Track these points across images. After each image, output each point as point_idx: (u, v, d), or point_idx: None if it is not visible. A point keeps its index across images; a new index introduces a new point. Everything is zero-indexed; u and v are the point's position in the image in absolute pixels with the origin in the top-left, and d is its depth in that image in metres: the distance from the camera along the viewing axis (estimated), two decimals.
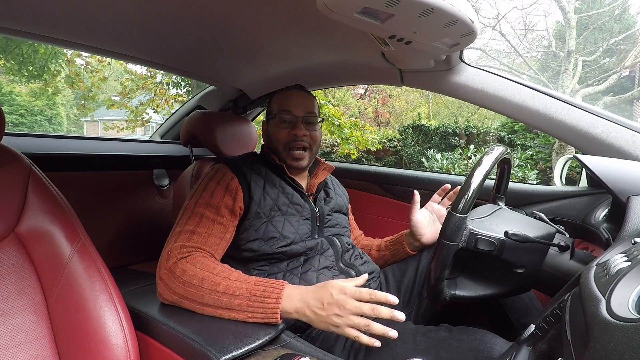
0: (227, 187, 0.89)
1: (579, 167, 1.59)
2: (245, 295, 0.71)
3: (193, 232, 0.82)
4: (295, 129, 0.97)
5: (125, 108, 7.40)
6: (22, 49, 6.77)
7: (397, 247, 1.10)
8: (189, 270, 0.74)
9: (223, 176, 0.91)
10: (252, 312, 0.70)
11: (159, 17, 0.96)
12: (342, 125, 5.33)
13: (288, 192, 0.96)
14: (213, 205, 0.87)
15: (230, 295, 0.71)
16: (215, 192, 0.88)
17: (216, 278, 0.73)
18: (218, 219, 0.86)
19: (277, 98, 1.02)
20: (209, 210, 0.86)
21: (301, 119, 0.98)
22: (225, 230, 0.86)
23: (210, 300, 0.72)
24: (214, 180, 0.91)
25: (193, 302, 0.73)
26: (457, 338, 0.74)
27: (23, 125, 16.40)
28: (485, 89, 1.02)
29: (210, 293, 0.72)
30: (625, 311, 0.34)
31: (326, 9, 0.63)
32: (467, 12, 0.67)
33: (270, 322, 0.71)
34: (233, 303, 0.71)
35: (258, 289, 0.72)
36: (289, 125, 0.98)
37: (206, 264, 0.76)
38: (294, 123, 0.97)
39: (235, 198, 0.89)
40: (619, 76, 8.20)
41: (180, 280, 0.74)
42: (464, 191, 0.68)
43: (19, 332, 0.66)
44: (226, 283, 0.73)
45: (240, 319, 0.71)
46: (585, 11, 10.80)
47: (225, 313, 0.71)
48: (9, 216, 0.70)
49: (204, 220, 0.85)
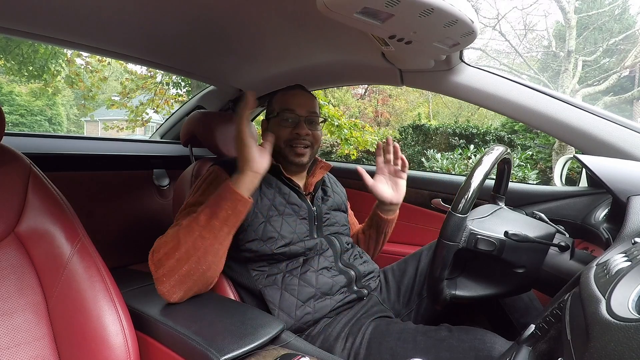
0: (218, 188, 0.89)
1: (579, 167, 1.59)
2: (204, 208, 0.77)
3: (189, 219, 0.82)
4: (297, 128, 0.96)
5: (125, 108, 7.41)
6: (22, 49, 6.77)
7: (376, 219, 1.11)
8: (162, 241, 0.77)
9: (216, 178, 0.91)
10: (216, 206, 0.76)
11: (159, 17, 0.96)
12: (341, 126, 5.33)
13: (285, 192, 0.96)
14: (202, 204, 0.86)
15: (195, 219, 0.76)
16: (206, 192, 0.88)
17: (178, 225, 0.78)
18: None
19: (279, 97, 1.02)
20: (197, 208, 0.85)
21: (304, 118, 0.98)
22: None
23: (186, 237, 0.75)
24: (207, 182, 0.91)
25: (182, 259, 0.74)
26: (457, 338, 0.74)
27: (23, 125, 16.40)
28: (485, 89, 1.02)
29: (181, 233, 0.75)
30: (625, 311, 0.34)
31: (326, 9, 0.63)
32: (467, 12, 0.67)
33: (235, 199, 0.76)
34: (200, 219, 0.76)
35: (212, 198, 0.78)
36: (291, 124, 0.97)
37: (169, 231, 0.79)
38: (296, 122, 0.97)
39: None
40: (619, 76, 8.20)
41: (161, 254, 0.75)
42: (464, 191, 0.68)
43: (19, 332, 0.66)
44: (187, 219, 0.77)
45: (217, 225, 0.75)
46: (585, 11, 10.80)
47: (204, 232, 0.75)
48: (9, 216, 0.70)
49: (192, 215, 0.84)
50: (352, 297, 0.92)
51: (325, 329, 0.85)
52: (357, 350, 0.79)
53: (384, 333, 0.80)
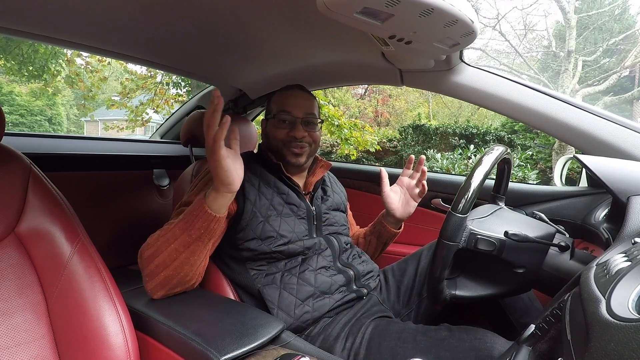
0: None
1: (579, 167, 1.59)
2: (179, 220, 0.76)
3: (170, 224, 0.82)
4: (294, 131, 0.96)
5: (125, 108, 7.41)
6: (22, 49, 6.77)
7: (379, 228, 1.11)
8: (147, 243, 0.78)
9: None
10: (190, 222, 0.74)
11: (159, 17, 0.96)
12: (341, 126, 5.34)
13: (283, 191, 0.96)
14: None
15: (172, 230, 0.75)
16: (201, 191, 0.87)
17: (160, 231, 0.78)
18: None
19: (276, 97, 1.02)
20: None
21: (300, 120, 0.97)
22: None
23: (164, 246, 0.75)
24: (203, 181, 0.90)
25: (160, 264, 0.75)
26: (458, 337, 0.74)
27: (23, 125, 16.39)
28: (485, 89, 1.02)
29: (159, 241, 0.76)
30: (625, 311, 0.34)
31: (326, 9, 0.63)
32: (467, 12, 0.67)
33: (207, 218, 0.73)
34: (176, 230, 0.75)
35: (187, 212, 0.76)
36: (288, 125, 0.97)
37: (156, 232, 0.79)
38: (293, 124, 0.97)
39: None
40: (619, 76, 8.20)
41: (144, 257, 0.77)
42: (464, 191, 0.68)
43: (19, 332, 0.66)
44: (167, 226, 0.78)
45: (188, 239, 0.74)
46: (585, 11, 10.80)
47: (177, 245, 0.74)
48: (9, 216, 0.70)
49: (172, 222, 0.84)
50: (351, 296, 0.92)
51: (325, 328, 0.85)
52: (357, 350, 0.79)
53: (384, 333, 0.80)
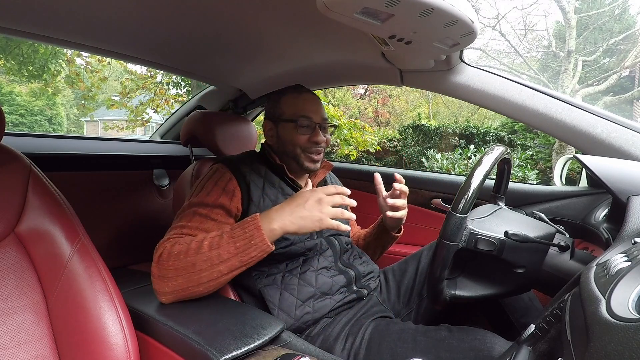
0: (225, 188, 0.89)
1: (579, 167, 1.59)
2: (229, 241, 0.74)
3: (183, 227, 0.82)
4: (314, 136, 0.96)
5: (125, 108, 7.41)
6: (22, 49, 6.77)
7: (379, 230, 1.11)
8: (173, 250, 0.75)
9: (221, 177, 0.91)
10: (243, 251, 0.73)
11: (159, 17, 0.96)
12: (341, 126, 5.34)
13: (287, 192, 0.96)
14: (207, 204, 0.86)
15: (216, 249, 0.73)
16: (211, 192, 0.88)
17: (197, 243, 0.75)
18: (211, 215, 0.85)
19: (290, 101, 0.99)
20: (203, 208, 0.85)
21: (319, 125, 0.97)
22: (218, 227, 0.84)
23: (203, 264, 0.73)
24: (212, 180, 0.90)
25: (188, 276, 0.74)
26: (457, 338, 0.74)
27: (23, 125, 16.39)
28: (485, 89, 1.02)
29: (199, 257, 0.73)
30: (625, 311, 0.34)
31: (326, 8, 0.63)
32: (467, 12, 0.67)
33: (265, 251, 0.74)
34: (222, 253, 0.73)
35: (236, 230, 0.75)
36: (308, 131, 0.96)
37: (185, 240, 0.78)
38: (312, 129, 0.96)
39: (232, 199, 0.88)
40: (619, 76, 8.20)
41: (169, 263, 0.74)
42: (464, 191, 0.68)
43: (19, 332, 0.66)
44: (208, 242, 0.75)
45: (237, 264, 0.74)
46: (585, 11, 10.80)
47: (222, 267, 0.73)
48: (9, 216, 0.70)
49: (197, 216, 0.84)
50: (351, 297, 0.92)
51: (325, 329, 0.85)
52: (357, 350, 0.79)
53: (384, 333, 0.80)
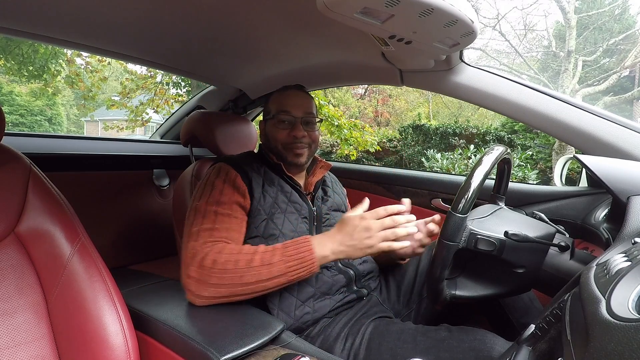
0: (235, 185, 0.90)
1: (579, 167, 1.59)
2: (281, 259, 0.75)
3: (212, 229, 0.83)
4: (294, 130, 0.96)
5: (125, 108, 7.40)
6: (22, 49, 6.77)
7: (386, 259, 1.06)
8: (219, 259, 0.76)
9: (227, 174, 0.91)
10: (293, 270, 0.75)
11: (159, 17, 0.96)
12: (341, 126, 5.33)
13: (287, 190, 0.96)
14: (225, 203, 0.87)
15: (268, 265, 0.75)
16: (224, 190, 0.89)
17: (247, 256, 0.76)
18: (233, 214, 0.86)
19: (275, 98, 1.02)
20: (222, 207, 0.86)
21: (300, 119, 0.97)
22: (241, 224, 0.87)
23: (251, 278, 0.74)
24: (220, 178, 0.91)
25: (232, 286, 0.74)
26: (457, 338, 0.74)
27: (23, 125, 16.38)
28: (485, 89, 1.02)
29: (248, 270, 0.74)
30: (625, 311, 0.34)
31: (326, 8, 0.63)
32: (467, 12, 0.67)
33: (312, 273, 0.77)
34: (273, 271, 0.75)
35: (290, 249, 0.76)
36: (287, 125, 0.97)
37: (231, 248, 0.79)
38: (292, 124, 0.97)
39: (245, 195, 0.90)
40: (619, 76, 8.20)
41: (214, 270, 0.75)
42: (464, 191, 0.68)
43: (19, 332, 0.66)
44: (259, 257, 0.76)
45: (284, 282, 0.76)
46: (585, 11, 10.80)
47: (269, 283, 0.75)
48: (9, 216, 0.70)
49: (220, 216, 0.85)
50: (351, 297, 0.92)
51: (325, 329, 0.85)
52: (357, 350, 0.79)
53: (384, 333, 0.80)
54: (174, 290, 0.89)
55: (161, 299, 0.82)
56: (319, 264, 0.76)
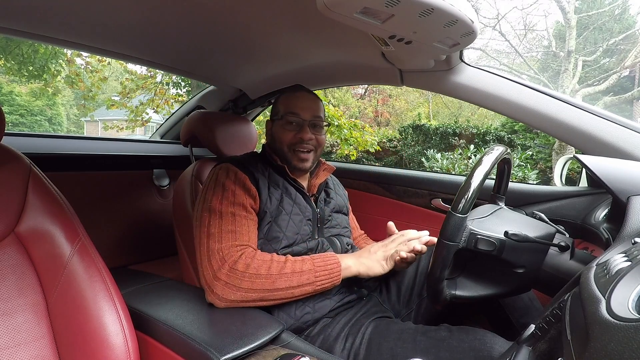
0: (244, 186, 0.90)
1: (579, 167, 1.59)
2: (311, 269, 0.82)
3: (235, 232, 0.84)
4: (301, 132, 0.96)
5: (125, 108, 7.41)
6: (22, 49, 6.76)
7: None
8: (252, 264, 0.78)
9: (236, 175, 0.91)
10: (320, 280, 0.82)
11: (159, 17, 0.96)
12: (341, 126, 5.34)
13: (291, 192, 0.96)
14: (239, 204, 0.87)
15: (298, 273, 0.80)
16: (236, 192, 0.89)
17: (279, 264, 0.81)
18: (249, 216, 0.88)
19: (284, 99, 1.01)
20: (238, 209, 0.87)
21: (308, 122, 0.97)
22: (256, 227, 0.89)
23: (282, 284, 0.79)
24: (230, 179, 0.90)
25: (263, 291, 0.77)
26: (457, 338, 0.74)
27: (23, 125, 16.38)
28: (485, 89, 1.02)
29: (280, 277, 0.79)
30: (625, 311, 0.34)
31: (326, 8, 0.63)
32: (467, 12, 0.67)
33: (334, 284, 0.84)
34: (302, 279, 0.80)
35: (318, 261, 0.84)
36: (295, 127, 0.97)
37: (262, 255, 0.82)
38: (300, 126, 0.97)
39: (255, 197, 0.90)
40: (619, 76, 8.20)
41: (246, 275, 0.77)
42: (464, 191, 0.68)
43: (19, 332, 0.66)
44: (290, 265, 0.81)
45: (310, 291, 0.82)
46: (585, 11, 10.79)
47: (297, 290, 0.80)
48: (9, 216, 0.70)
49: (238, 218, 0.85)
50: (351, 297, 0.92)
51: (324, 329, 0.85)
52: (357, 350, 0.79)
53: (384, 333, 0.80)
54: (174, 290, 0.89)
55: (161, 299, 0.82)
56: (342, 276, 0.84)
